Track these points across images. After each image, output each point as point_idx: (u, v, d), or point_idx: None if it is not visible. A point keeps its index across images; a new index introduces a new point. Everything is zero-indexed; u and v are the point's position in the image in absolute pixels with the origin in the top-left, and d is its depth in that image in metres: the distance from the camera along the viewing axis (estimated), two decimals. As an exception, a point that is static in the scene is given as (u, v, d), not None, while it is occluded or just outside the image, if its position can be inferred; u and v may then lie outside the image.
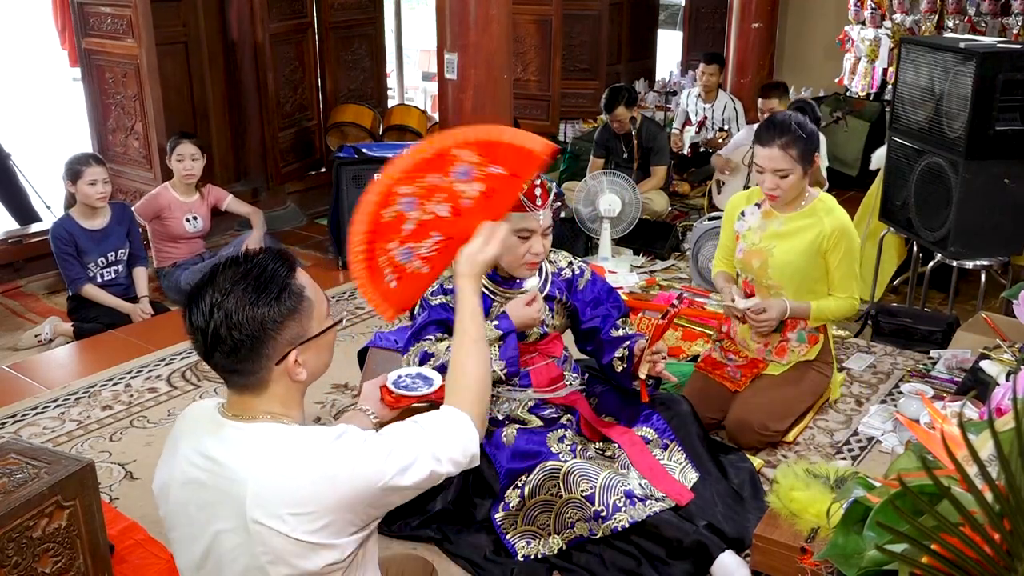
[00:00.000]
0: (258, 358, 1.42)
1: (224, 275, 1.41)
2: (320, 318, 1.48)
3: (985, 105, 3.32)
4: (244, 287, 1.40)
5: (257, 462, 1.38)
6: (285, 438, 1.41)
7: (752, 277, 2.98)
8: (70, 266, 3.99)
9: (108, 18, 4.67)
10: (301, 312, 1.44)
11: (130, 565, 2.26)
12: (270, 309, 1.40)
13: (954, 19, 6.21)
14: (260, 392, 1.46)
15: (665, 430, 2.53)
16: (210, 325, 1.39)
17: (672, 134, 6.45)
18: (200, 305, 1.40)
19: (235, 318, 1.38)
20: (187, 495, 1.45)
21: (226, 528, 1.39)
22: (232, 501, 1.38)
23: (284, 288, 1.42)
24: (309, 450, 1.39)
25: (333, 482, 1.36)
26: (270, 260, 1.45)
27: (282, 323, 1.41)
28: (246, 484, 1.36)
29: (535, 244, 2.41)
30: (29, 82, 10.66)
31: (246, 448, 1.41)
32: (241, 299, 1.39)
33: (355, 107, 5.97)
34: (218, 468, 1.41)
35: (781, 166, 2.78)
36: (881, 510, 1.01)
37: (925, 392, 2.92)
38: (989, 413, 0.92)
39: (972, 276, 3.97)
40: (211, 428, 1.46)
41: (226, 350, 1.40)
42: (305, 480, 1.36)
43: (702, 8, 8.95)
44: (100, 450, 2.94)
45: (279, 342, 1.42)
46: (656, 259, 4.84)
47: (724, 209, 3.18)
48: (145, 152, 4.81)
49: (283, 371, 1.44)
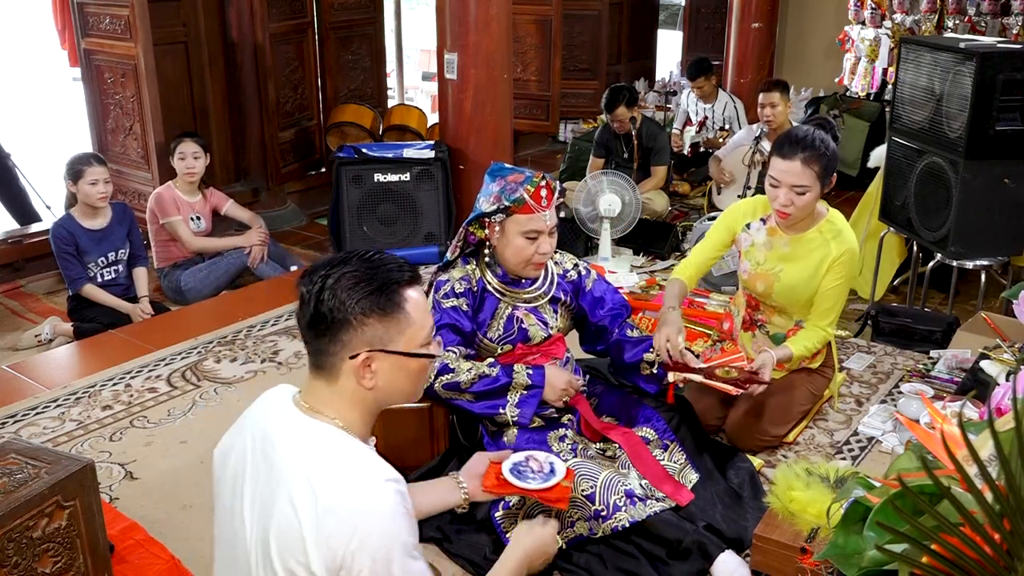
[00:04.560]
0: (335, 342, 1.44)
1: (350, 258, 1.47)
2: (412, 340, 1.47)
3: (985, 105, 3.32)
4: (355, 271, 1.44)
5: (303, 467, 1.40)
6: (335, 462, 1.41)
7: (756, 295, 2.92)
8: (70, 266, 3.99)
9: (107, 18, 4.68)
10: (391, 320, 1.44)
11: (130, 565, 2.26)
12: (362, 299, 1.42)
13: (954, 19, 6.22)
14: (331, 382, 1.47)
15: (665, 431, 2.53)
16: (312, 293, 1.44)
17: (672, 134, 6.45)
18: (316, 274, 1.46)
19: (332, 293, 1.42)
20: (239, 470, 1.48)
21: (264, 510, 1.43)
22: (274, 488, 1.40)
23: (386, 289, 1.44)
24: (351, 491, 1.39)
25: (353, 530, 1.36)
26: (394, 264, 1.49)
27: (367, 318, 1.43)
28: (289, 484, 1.39)
29: (543, 244, 2.42)
30: (29, 82, 10.65)
31: (301, 446, 1.43)
32: (347, 280, 1.43)
33: (355, 107, 5.97)
34: (272, 453, 1.44)
35: (801, 182, 2.62)
36: (881, 510, 1.01)
37: (925, 392, 2.92)
38: (989, 413, 0.92)
39: (972, 276, 3.97)
40: (281, 411, 1.49)
41: (315, 322, 1.44)
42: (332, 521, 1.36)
43: (702, 8, 8.95)
44: (100, 450, 2.94)
45: (359, 337, 1.43)
46: (656, 259, 4.84)
47: (724, 210, 3.13)
48: (143, 152, 4.81)
49: (353, 369, 1.45)
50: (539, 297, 2.58)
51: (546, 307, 2.58)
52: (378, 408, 1.52)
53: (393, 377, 1.47)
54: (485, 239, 2.50)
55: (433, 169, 4.69)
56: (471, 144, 4.67)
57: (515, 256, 2.44)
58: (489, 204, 2.42)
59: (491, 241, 2.48)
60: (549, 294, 2.58)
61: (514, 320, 2.53)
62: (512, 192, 2.38)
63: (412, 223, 4.75)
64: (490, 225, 2.45)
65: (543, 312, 2.57)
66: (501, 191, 2.40)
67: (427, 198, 4.72)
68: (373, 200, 4.70)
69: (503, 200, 2.39)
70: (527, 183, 2.39)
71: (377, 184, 4.69)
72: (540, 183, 2.40)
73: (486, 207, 2.42)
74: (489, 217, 2.42)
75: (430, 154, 4.69)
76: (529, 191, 2.37)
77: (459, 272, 2.52)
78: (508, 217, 2.40)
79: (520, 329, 2.53)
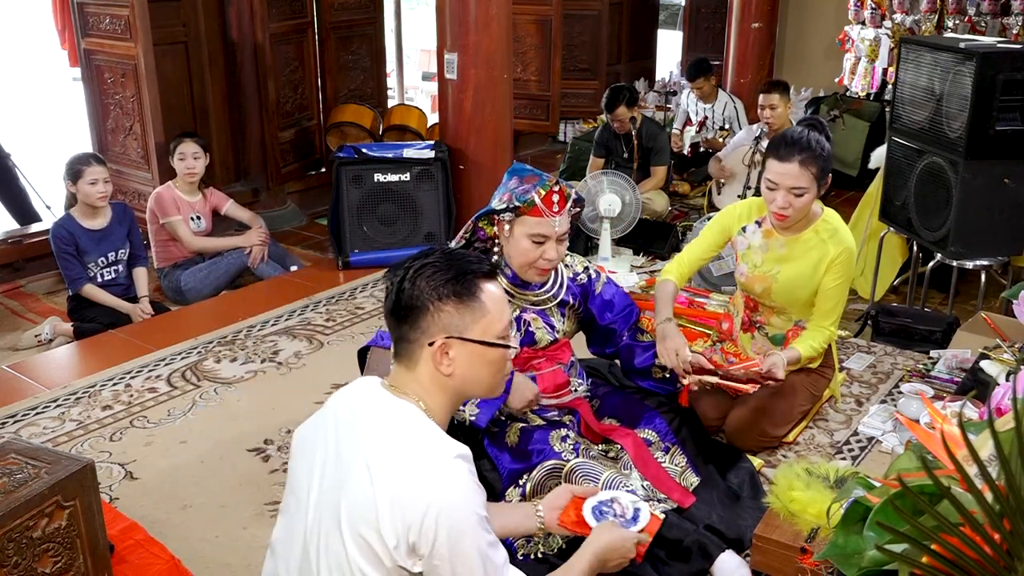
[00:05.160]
0: (414, 329, 1.52)
1: (432, 251, 1.59)
2: (488, 330, 1.55)
3: (985, 105, 3.32)
4: (435, 262, 1.55)
5: (381, 439, 1.47)
6: (410, 436, 1.48)
7: (755, 296, 2.92)
8: (70, 266, 3.99)
9: (107, 18, 4.68)
10: (466, 307, 1.52)
11: (130, 565, 2.26)
12: (439, 286, 1.51)
13: (954, 19, 6.22)
14: (412, 368, 1.55)
15: (667, 433, 2.53)
16: (395, 283, 1.55)
17: (672, 134, 6.44)
18: (400, 267, 1.57)
19: (412, 282, 1.53)
20: (316, 440, 1.55)
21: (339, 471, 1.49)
22: (351, 457, 1.46)
23: (463, 279, 1.53)
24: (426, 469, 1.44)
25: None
26: (473, 257, 1.60)
27: (443, 304, 1.51)
28: (366, 454, 1.45)
29: (549, 250, 2.41)
30: (29, 82, 10.65)
31: (381, 419, 1.50)
32: (427, 269, 1.53)
33: (355, 107, 5.97)
34: (354, 424, 1.51)
35: (799, 184, 2.61)
36: (881, 510, 1.01)
37: (925, 392, 2.92)
38: (989, 413, 0.92)
39: (972, 276, 3.97)
40: (367, 390, 1.58)
41: (396, 310, 1.54)
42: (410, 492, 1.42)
43: (702, 8, 8.95)
44: (100, 450, 2.94)
45: (436, 323, 1.51)
46: (656, 259, 4.84)
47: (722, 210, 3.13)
48: (143, 152, 4.81)
49: (432, 355, 1.52)
50: (548, 300, 2.57)
51: (554, 310, 2.58)
52: (459, 398, 1.59)
53: (470, 366, 1.54)
54: (494, 236, 2.49)
55: (433, 169, 4.69)
56: (471, 144, 4.67)
57: (520, 258, 2.43)
58: (501, 201, 2.41)
59: (499, 240, 2.47)
60: (558, 297, 2.58)
61: (521, 323, 2.53)
62: (524, 193, 2.38)
63: (412, 223, 4.75)
64: (499, 223, 2.44)
65: (550, 316, 2.57)
66: (514, 190, 2.40)
67: (427, 198, 4.72)
68: (373, 200, 4.70)
69: (514, 199, 2.38)
70: (540, 185, 2.38)
71: (377, 184, 4.69)
72: (553, 187, 2.38)
73: (497, 204, 2.42)
74: (498, 214, 2.42)
75: (430, 154, 4.69)
76: (540, 194, 2.36)
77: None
78: (517, 217, 2.40)
79: (527, 332, 2.53)
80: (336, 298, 4.28)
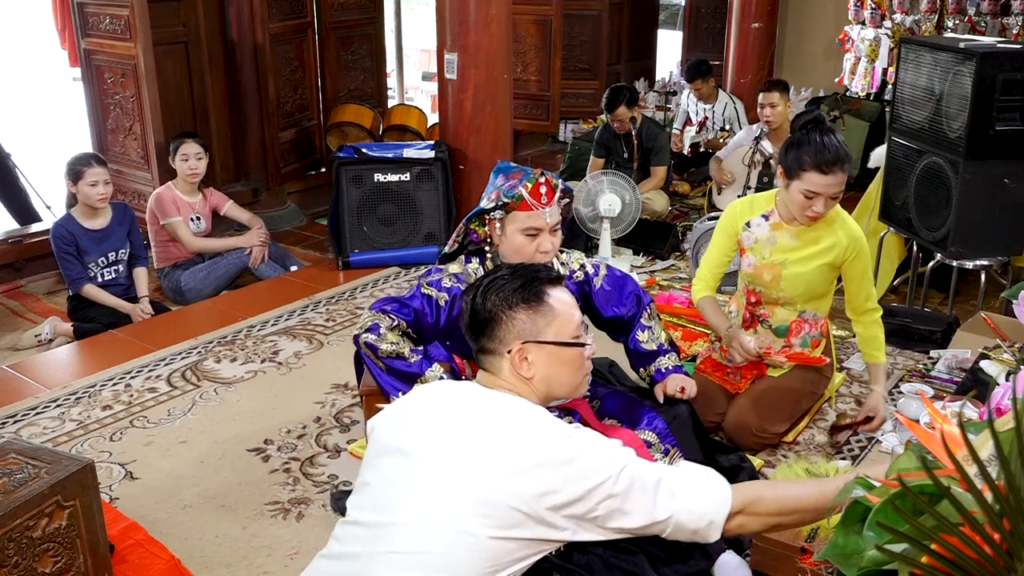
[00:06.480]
0: (492, 339, 1.63)
1: (501, 267, 1.71)
2: (561, 332, 1.63)
3: (985, 105, 3.32)
4: (504, 275, 1.66)
5: (497, 412, 1.53)
6: (522, 406, 1.55)
7: (760, 288, 2.93)
8: (70, 266, 3.99)
9: (107, 18, 4.67)
10: (536, 312, 1.62)
11: (130, 565, 2.26)
12: (509, 295, 1.62)
13: (954, 19, 6.22)
14: (497, 374, 1.64)
15: (667, 434, 2.52)
16: (470, 300, 1.66)
17: (672, 134, 6.44)
18: (484, 281, 1.68)
19: (484, 297, 1.64)
20: (411, 417, 1.59)
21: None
22: (469, 427, 1.51)
23: (530, 286, 1.63)
24: (541, 428, 1.51)
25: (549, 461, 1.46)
26: (540, 267, 1.73)
27: (515, 312, 1.60)
28: (485, 423, 1.51)
29: (543, 242, 2.41)
30: (29, 82, 10.65)
31: (489, 398, 1.56)
32: (497, 283, 1.65)
33: (355, 107, 5.97)
34: (461, 399, 1.58)
35: (840, 189, 2.72)
36: (881, 510, 1.01)
37: (925, 392, 2.92)
38: (989, 413, 0.92)
39: (972, 276, 3.97)
40: (455, 383, 1.68)
41: (473, 324, 1.65)
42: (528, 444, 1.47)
43: (702, 8, 8.94)
44: (100, 450, 2.94)
45: (511, 331, 1.61)
46: (656, 259, 4.84)
47: (723, 209, 3.14)
48: (143, 153, 4.81)
49: (512, 362, 1.60)
50: None
51: None
52: (545, 401, 1.65)
53: (550, 367, 1.61)
54: (487, 236, 2.49)
55: (433, 169, 4.70)
56: (471, 144, 4.67)
57: (515, 255, 2.43)
58: (489, 201, 2.42)
59: (492, 239, 2.47)
60: None
61: None
62: (511, 188, 2.38)
63: (412, 223, 4.75)
64: (490, 222, 2.44)
65: None
66: (501, 187, 2.41)
67: (427, 198, 4.73)
68: (373, 200, 4.70)
69: (502, 196, 2.39)
70: (526, 179, 2.39)
71: (377, 184, 4.69)
72: (539, 179, 2.39)
73: (486, 203, 2.43)
74: (488, 214, 2.42)
75: (430, 154, 4.69)
76: (527, 187, 2.37)
77: (455, 268, 2.51)
78: (507, 214, 2.40)
79: None
80: (336, 298, 4.28)
